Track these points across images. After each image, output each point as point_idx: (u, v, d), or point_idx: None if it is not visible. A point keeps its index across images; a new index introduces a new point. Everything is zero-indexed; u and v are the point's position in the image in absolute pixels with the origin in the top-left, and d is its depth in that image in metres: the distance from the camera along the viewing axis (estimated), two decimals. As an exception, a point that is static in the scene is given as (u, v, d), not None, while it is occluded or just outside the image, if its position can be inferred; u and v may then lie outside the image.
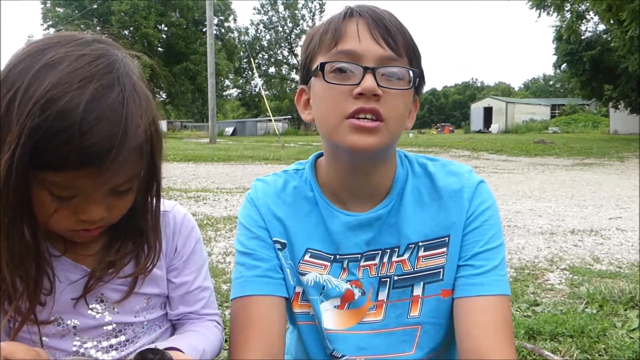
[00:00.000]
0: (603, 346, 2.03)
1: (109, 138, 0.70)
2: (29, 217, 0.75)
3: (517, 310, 2.45)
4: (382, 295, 0.99)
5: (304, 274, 1.00)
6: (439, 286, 0.98)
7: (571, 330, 2.13)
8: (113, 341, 0.91)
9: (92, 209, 0.77)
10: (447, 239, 0.98)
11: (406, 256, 0.98)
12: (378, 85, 0.87)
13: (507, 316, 0.94)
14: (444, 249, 0.98)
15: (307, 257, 1.00)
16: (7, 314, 0.79)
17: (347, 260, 0.99)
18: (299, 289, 1.02)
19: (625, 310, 2.42)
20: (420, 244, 0.98)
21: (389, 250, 0.99)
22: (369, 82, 0.86)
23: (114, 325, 0.90)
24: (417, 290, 0.99)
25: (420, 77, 0.95)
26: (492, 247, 0.97)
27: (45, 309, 0.84)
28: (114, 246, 0.88)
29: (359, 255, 0.99)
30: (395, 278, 0.99)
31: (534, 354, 1.96)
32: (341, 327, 1.00)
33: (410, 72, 0.90)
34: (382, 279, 0.99)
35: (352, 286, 1.00)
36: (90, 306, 0.88)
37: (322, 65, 0.90)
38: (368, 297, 1.00)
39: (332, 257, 1.00)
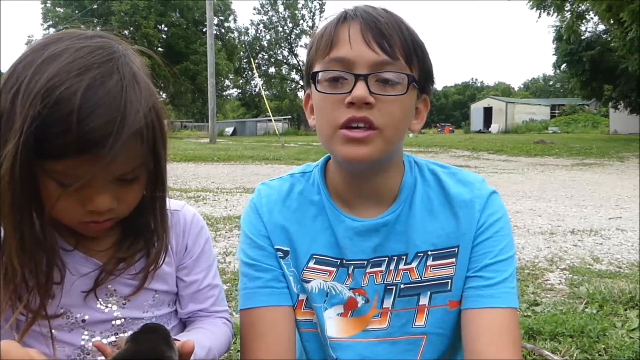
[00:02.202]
0: (603, 346, 2.03)
1: (106, 124, 0.71)
2: (37, 207, 0.77)
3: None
4: (387, 303, 0.98)
5: (308, 281, 0.99)
6: (446, 297, 0.97)
7: (571, 330, 2.13)
8: (121, 336, 0.91)
9: (98, 198, 0.77)
10: (456, 249, 0.96)
11: (414, 264, 0.97)
12: (371, 92, 0.85)
13: (515, 329, 0.92)
14: (453, 260, 0.96)
15: (311, 264, 0.99)
16: (17, 309, 0.80)
17: (352, 267, 0.98)
18: (302, 297, 1.00)
19: (625, 310, 2.42)
20: (430, 252, 0.96)
21: (395, 258, 0.97)
22: (359, 90, 0.84)
23: (123, 320, 0.91)
24: (424, 300, 0.97)
25: (424, 78, 0.92)
26: (502, 259, 0.95)
27: (55, 301, 0.84)
28: (125, 243, 0.89)
29: (365, 262, 0.97)
30: (402, 286, 0.97)
31: (534, 354, 1.96)
32: (345, 334, 0.99)
33: (406, 77, 0.87)
34: (388, 287, 0.97)
35: (355, 294, 0.98)
36: (100, 300, 0.89)
37: (314, 75, 0.89)
38: (373, 304, 0.98)
39: (339, 261, 0.98)
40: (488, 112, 43.49)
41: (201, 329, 0.97)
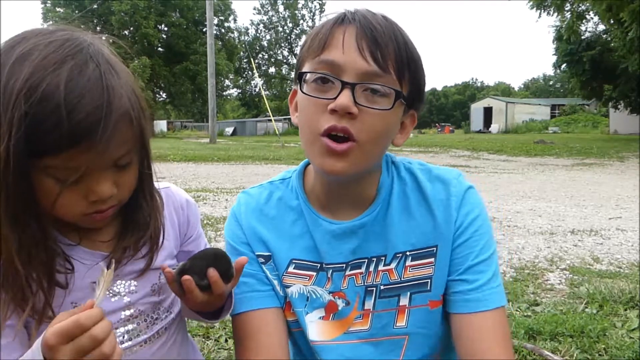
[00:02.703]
0: (603, 346, 2.03)
1: (95, 110, 0.72)
2: (34, 207, 0.77)
3: (517, 310, 2.45)
4: (369, 305, 0.98)
5: (288, 286, 1.00)
6: (426, 297, 0.97)
7: (571, 330, 2.13)
8: (129, 327, 0.92)
9: (99, 187, 0.78)
10: (434, 249, 0.96)
11: (393, 265, 0.97)
12: (355, 102, 0.83)
13: (505, 328, 0.93)
14: (432, 259, 0.96)
15: (291, 269, 1.00)
16: (23, 311, 0.79)
17: (331, 270, 0.98)
18: (289, 299, 1.01)
19: (625, 310, 2.42)
20: (408, 253, 0.96)
21: (375, 259, 0.97)
22: (343, 99, 0.82)
23: (132, 310, 0.91)
24: (404, 300, 0.97)
25: (414, 94, 0.89)
26: (484, 259, 0.95)
27: (67, 299, 0.84)
28: (127, 232, 0.89)
29: (344, 265, 0.98)
30: (382, 287, 0.97)
31: (534, 354, 1.96)
32: (327, 337, 0.99)
33: (394, 92, 0.85)
34: (368, 288, 0.98)
35: (334, 297, 0.99)
36: (109, 288, 0.89)
37: (301, 75, 0.88)
38: (354, 306, 0.98)
39: (318, 265, 0.99)
40: (488, 112, 43.49)
41: None
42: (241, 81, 54.48)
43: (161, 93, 40.23)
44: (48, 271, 0.81)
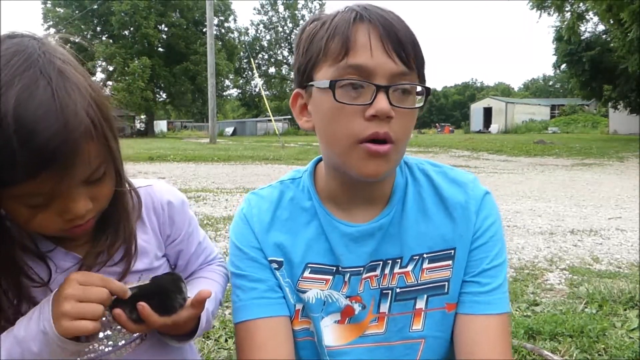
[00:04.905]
0: (602, 346, 2.03)
1: (51, 137, 0.66)
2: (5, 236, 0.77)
3: (517, 310, 2.45)
4: (384, 308, 0.96)
5: (304, 292, 0.96)
6: (443, 300, 0.96)
7: (571, 330, 2.13)
8: (108, 332, 0.90)
9: (73, 206, 0.75)
10: (452, 251, 0.95)
11: (410, 268, 0.95)
12: (391, 104, 0.82)
13: (508, 333, 0.94)
14: (450, 262, 0.95)
15: (306, 274, 0.96)
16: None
17: (349, 274, 0.96)
18: (298, 306, 0.98)
19: (625, 310, 2.43)
20: (425, 255, 0.95)
21: (390, 261, 0.95)
22: (382, 104, 0.81)
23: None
24: (420, 304, 0.96)
25: (427, 90, 0.90)
26: (497, 264, 0.95)
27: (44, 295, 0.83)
28: (102, 236, 0.87)
29: (362, 268, 0.95)
30: (398, 290, 0.96)
31: (534, 354, 1.96)
32: (342, 342, 0.97)
33: (421, 88, 0.86)
34: (384, 291, 0.96)
35: (351, 302, 0.96)
36: None
37: (333, 83, 0.83)
38: (369, 310, 0.97)
39: (334, 269, 0.96)
40: (488, 112, 43.49)
41: (203, 279, 1.00)
42: (241, 81, 54.35)
43: (161, 93, 40.17)
44: (17, 290, 0.81)
